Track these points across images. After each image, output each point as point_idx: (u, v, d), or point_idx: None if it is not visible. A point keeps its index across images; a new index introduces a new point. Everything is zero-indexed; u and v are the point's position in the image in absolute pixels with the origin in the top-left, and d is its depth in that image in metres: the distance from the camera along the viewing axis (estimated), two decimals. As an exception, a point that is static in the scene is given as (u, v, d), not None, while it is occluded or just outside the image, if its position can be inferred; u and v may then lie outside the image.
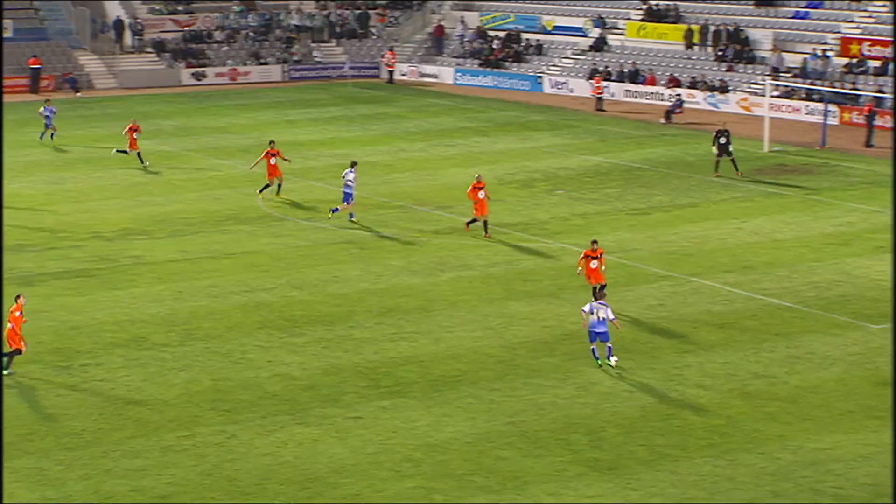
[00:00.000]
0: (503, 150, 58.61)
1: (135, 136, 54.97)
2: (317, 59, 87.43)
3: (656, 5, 79.62)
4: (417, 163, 56.12)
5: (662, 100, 71.92)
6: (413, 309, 34.81)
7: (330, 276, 38.20)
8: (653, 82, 74.24)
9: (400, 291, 36.26)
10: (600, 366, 30.28)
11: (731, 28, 74.15)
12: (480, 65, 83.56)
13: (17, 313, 29.97)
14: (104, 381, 29.62)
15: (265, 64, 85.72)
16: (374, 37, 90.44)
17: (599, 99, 71.94)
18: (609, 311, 30.14)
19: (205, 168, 55.22)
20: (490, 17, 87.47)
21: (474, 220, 42.51)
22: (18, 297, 30.49)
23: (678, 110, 67.52)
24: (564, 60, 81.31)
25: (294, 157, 57.16)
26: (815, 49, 69.57)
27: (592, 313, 30.12)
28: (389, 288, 36.78)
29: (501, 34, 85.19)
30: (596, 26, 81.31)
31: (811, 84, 66.75)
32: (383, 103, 74.90)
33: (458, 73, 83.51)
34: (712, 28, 75.32)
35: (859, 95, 64.44)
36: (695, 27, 75.84)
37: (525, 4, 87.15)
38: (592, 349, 30.47)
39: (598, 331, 30.15)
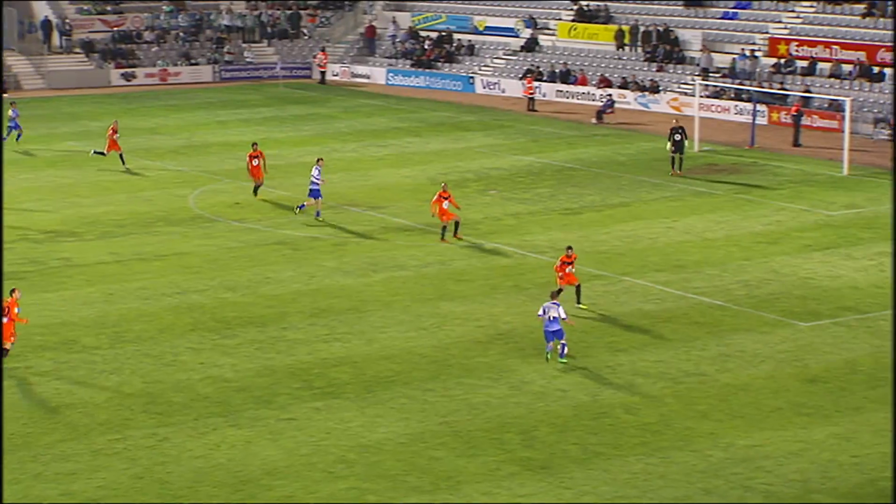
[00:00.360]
0: (435, 151, 58.67)
1: (115, 137, 54.25)
2: (248, 60, 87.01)
3: (587, 6, 80.00)
4: (349, 163, 56.03)
5: (593, 100, 72.29)
6: (346, 310, 34.75)
7: (262, 278, 38.04)
8: (584, 82, 74.60)
9: (333, 292, 36.18)
10: (548, 360, 30.62)
11: (660, 28, 74.68)
12: (412, 65, 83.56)
13: (16, 309, 29.97)
14: (33, 384, 29.29)
15: (196, 64, 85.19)
16: (306, 37, 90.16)
17: (531, 99, 72.18)
18: (561, 310, 30.54)
19: (134, 169, 54.79)
20: (422, 17, 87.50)
21: (444, 229, 42.03)
22: (13, 291, 30.40)
23: (609, 110, 67.89)
24: (496, 61, 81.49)
25: (225, 158, 56.92)
26: (743, 49, 70.22)
27: (545, 314, 30.58)
28: (322, 289, 36.69)
29: (433, 35, 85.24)
30: (527, 27, 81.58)
31: (740, 84, 67.38)
32: (315, 104, 74.70)
33: (391, 74, 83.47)
34: (642, 28, 75.80)
35: (787, 95, 65.12)
36: (625, 28, 76.29)
37: (456, 5, 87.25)
38: (548, 346, 30.60)
39: (551, 329, 30.54)
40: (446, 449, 25.85)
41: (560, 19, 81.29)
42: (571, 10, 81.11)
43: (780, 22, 71.98)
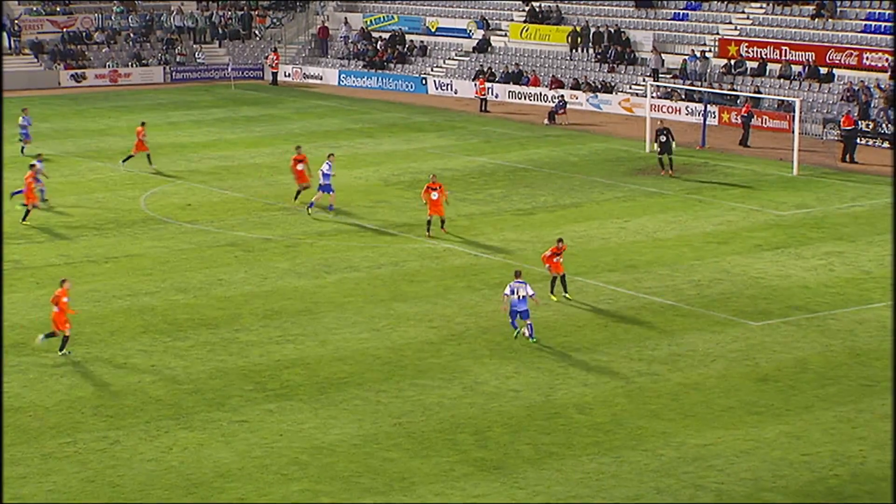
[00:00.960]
0: (388, 152, 58.65)
1: (143, 138, 53.59)
2: (199, 61, 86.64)
3: (538, 7, 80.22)
4: (302, 164, 55.82)
5: (546, 101, 72.47)
6: (299, 311, 34.69)
7: (214, 279, 37.91)
8: (536, 83, 74.77)
9: (285, 294, 36.10)
10: (516, 337, 31.91)
11: (612, 29, 74.97)
12: (365, 66, 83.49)
13: (65, 298, 30.82)
14: (-17, 388, 29.05)
15: (147, 65, 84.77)
16: (258, 38, 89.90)
17: (483, 100, 72.29)
18: (528, 287, 31.74)
19: (85, 171, 54.42)
20: (374, 18, 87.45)
21: (429, 222, 42.42)
22: (64, 281, 31.34)
23: (561, 111, 68.07)
24: (448, 62, 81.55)
25: (177, 160, 56.66)
26: (694, 50, 70.60)
27: (514, 293, 31.67)
28: (275, 290, 36.60)
29: (385, 35, 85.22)
30: (479, 28, 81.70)
31: (691, 85, 67.74)
32: (267, 105, 74.50)
33: (343, 75, 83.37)
34: (594, 29, 76.06)
35: (737, 96, 65.54)
36: (577, 28, 76.50)
37: (408, 5, 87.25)
38: (513, 323, 31.97)
39: (519, 309, 31.66)
40: (400, 450, 25.85)
41: (512, 20, 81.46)
42: (523, 11, 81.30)
43: (730, 23, 72.44)
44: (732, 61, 68.92)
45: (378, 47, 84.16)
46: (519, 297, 31.62)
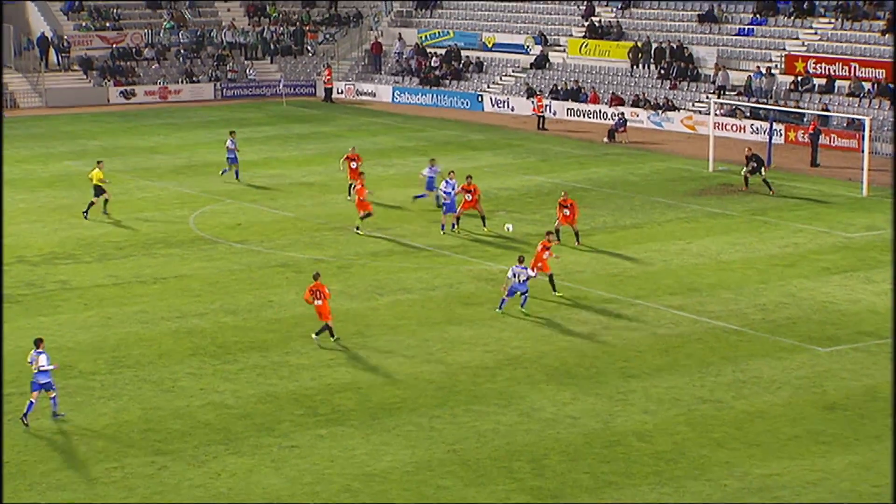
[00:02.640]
0: (443, 171, 58.72)
1: (353, 165, 52.30)
2: (250, 77, 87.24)
3: (598, 22, 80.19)
4: (355, 183, 56.00)
5: (605, 118, 72.39)
6: (351, 334, 34.77)
7: (264, 301, 38.07)
8: (595, 100, 74.71)
9: (337, 316, 36.18)
10: (501, 314, 35.88)
11: (674, 45, 74.80)
12: (419, 83, 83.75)
13: (327, 290, 34.19)
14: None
15: (197, 82, 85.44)
16: (310, 54, 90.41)
17: (541, 117, 72.29)
18: (530, 270, 36.01)
19: (133, 189, 54.89)
20: (429, 33, 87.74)
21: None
22: (317, 275, 34.38)
23: (621, 129, 67.96)
24: (505, 78, 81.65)
25: (227, 178, 56.95)
26: (759, 67, 70.30)
27: (515, 276, 35.85)
28: (326, 313, 36.68)
29: (441, 51, 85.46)
30: (537, 43, 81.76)
31: (756, 102, 67.42)
32: (319, 122, 74.85)
33: (397, 92, 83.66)
34: (655, 45, 75.93)
35: (804, 114, 65.16)
36: (638, 44, 76.39)
37: (465, 21, 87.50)
38: (503, 299, 36.14)
39: (520, 290, 35.93)
40: (454, 478, 25.82)
41: (571, 35, 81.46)
42: (582, 26, 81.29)
43: (797, 38, 72.07)
44: (799, 78, 68.53)
45: (433, 63, 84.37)
46: (520, 280, 35.77)
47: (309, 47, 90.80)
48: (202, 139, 68.77)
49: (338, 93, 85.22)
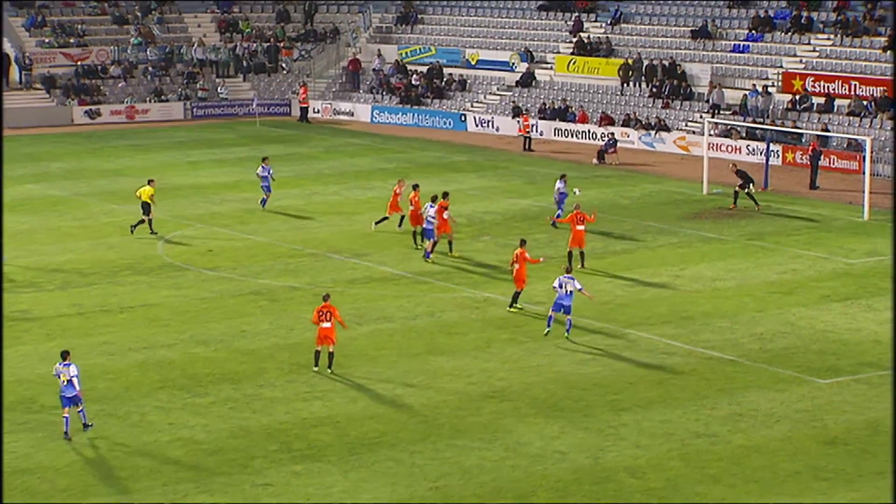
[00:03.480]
0: (425, 194, 58.77)
1: (445, 215, 49.53)
2: (222, 96, 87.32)
3: (587, 38, 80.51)
4: (332, 207, 56.15)
5: (594, 139, 72.61)
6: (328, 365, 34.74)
7: (237, 331, 38.04)
8: (584, 120, 74.95)
9: (313, 346, 36.16)
10: (546, 335, 36.17)
11: (666, 62, 75.13)
12: (400, 101, 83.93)
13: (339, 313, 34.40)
14: (-12, 447, 29.22)
15: (166, 101, 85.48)
16: (285, 71, 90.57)
17: (527, 138, 72.48)
18: (577, 282, 36.25)
19: (99, 214, 54.83)
20: (409, 49, 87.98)
21: (570, 254, 44.58)
22: (327, 296, 34.52)
23: (611, 150, 68.18)
24: (490, 97, 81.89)
25: (197, 202, 57.02)
26: (755, 85, 70.64)
27: (561, 287, 36.17)
28: (302, 343, 36.68)
29: (422, 68, 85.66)
30: (523, 60, 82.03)
31: (752, 122, 67.69)
32: (295, 143, 74.93)
33: (376, 111, 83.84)
34: (647, 62, 76.23)
35: (803, 134, 65.44)
36: (628, 61, 76.68)
37: (447, 37, 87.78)
38: (550, 316, 36.43)
39: (564, 303, 36.14)
40: (436, 516, 25.80)
41: (558, 52, 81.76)
42: (570, 42, 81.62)
43: (794, 55, 72.46)
44: (797, 97, 68.90)
45: (414, 81, 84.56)
46: (566, 291, 36.00)
47: (283, 64, 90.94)
48: (171, 161, 68.76)
49: (314, 112, 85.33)
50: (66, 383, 29.56)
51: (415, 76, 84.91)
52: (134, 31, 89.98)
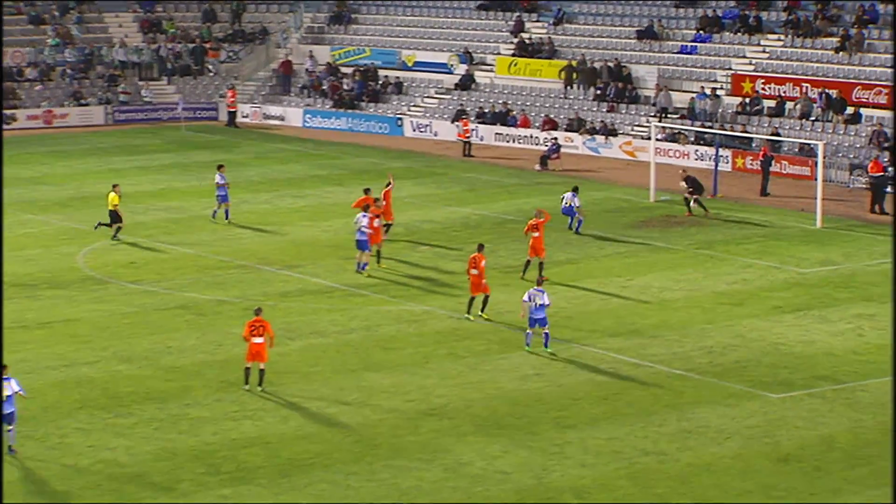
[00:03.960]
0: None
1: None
2: (146, 100, 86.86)
3: (528, 38, 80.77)
4: (262, 216, 55.98)
5: (537, 144, 72.83)
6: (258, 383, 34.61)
7: (162, 347, 37.84)
8: (526, 124, 75.16)
9: (243, 363, 36.02)
10: (529, 352, 36.43)
11: (612, 64, 75.47)
12: (333, 105, 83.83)
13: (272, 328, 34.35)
14: None
15: (85, 105, 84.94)
16: (212, 74, 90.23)
17: (467, 143, 72.58)
18: (545, 296, 36.57)
19: (14, 225, 54.37)
20: (343, 51, 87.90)
21: (527, 263, 45.38)
22: (259, 310, 34.34)
23: (554, 156, 68.38)
24: (427, 100, 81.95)
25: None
26: (703, 87, 71.10)
27: (531, 300, 36.63)
28: (231, 359, 36.54)
29: (351, 70, 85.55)
30: (462, 62, 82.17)
31: (700, 126, 68.14)
32: (223, 149, 74.63)
33: (308, 115, 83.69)
34: (591, 64, 76.54)
35: (753, 139, 65.91)
36: (572, 63, 76.97)
37: (382, 38, 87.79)
38: (528, 333, 36.77)
39: (536, 317, 36.50)
40: (372, 541, 25.77)
41: (499, 53, 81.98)
42: (511, 42, 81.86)
43: (744, 57, 73.01)
44: (747, 100, 69.39)
45: (345, 85, 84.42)
46: (536, 304, 36.40)
47: (210, 66, 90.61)
48: (92, 168, 68.32)
49: (242, 116, 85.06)
50: (6, 399, 29.34)
51: (346, 80, 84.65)
52: (51, 32, 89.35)
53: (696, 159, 66.99)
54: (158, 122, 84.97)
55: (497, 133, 75.67)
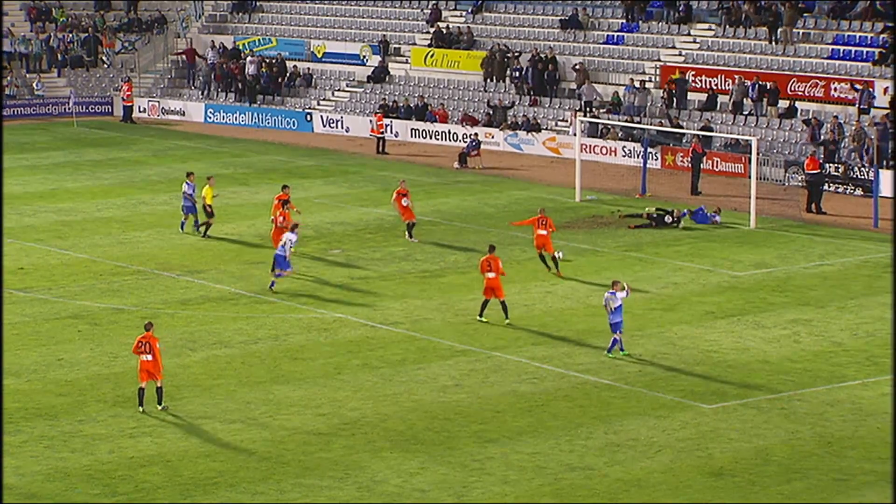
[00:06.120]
0: (266, 202, 58.52)
1: (404, 202, 50.98)
2: (35, 93, 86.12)
3: (446, 28, 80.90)
4: (161, 218, 55.67)
5: (456, 140, 72.93)
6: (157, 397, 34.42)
7: (53, 359, 37.54)
8: (444, 119, 75.27)
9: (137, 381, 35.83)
10: (626, 355, 37.42)
11: (534, 55, 75.71)
12: (236, 99, 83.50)
13: (158, 344, 33.68)
14: None
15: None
16: (106, 66, 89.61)
17: (381, 139, 72.58)
18: (618, 296, 37.24)
19: None
20: (248, 41, 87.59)
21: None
22: (150, 325, 33.84)
23: (474, 153, 68.54)
24: (338, 94, 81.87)
25: (6, 214, 56.09)
26: (632, 80, 71.52)
27: (607, 305, 37.48)
28: (127, 371, 36.30)
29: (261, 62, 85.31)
30: (375, 53, 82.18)
31: (627, 121, 68.53)
32: (118, 146, 74.17)
33: (210, 110, 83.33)
34: (511, 55, 76.74)
35: (683, 134, 66.35)
36: (494, 54, 77.11)
37: (289, 27, 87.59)
38: (614, 339, 37.45)
39: (614, 321, 37.32)
40: (281, 565, 25.71)
41: (415, 44, 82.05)
42: (428, 32, 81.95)
43: (673, 47, 73.54)
44: (676, 92, 69.83)
45: (251, 75, 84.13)
46: (611, 309, 37.24)
47: (104, 58, 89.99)
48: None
49: (139, 111, 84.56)
50: None
51: (252, 69, 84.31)
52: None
53: (624, 156, 67.38)
54: (48, 118, 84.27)
55: (413, 129, 75.74)
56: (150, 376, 33.42)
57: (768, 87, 66.89)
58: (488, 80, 77.03)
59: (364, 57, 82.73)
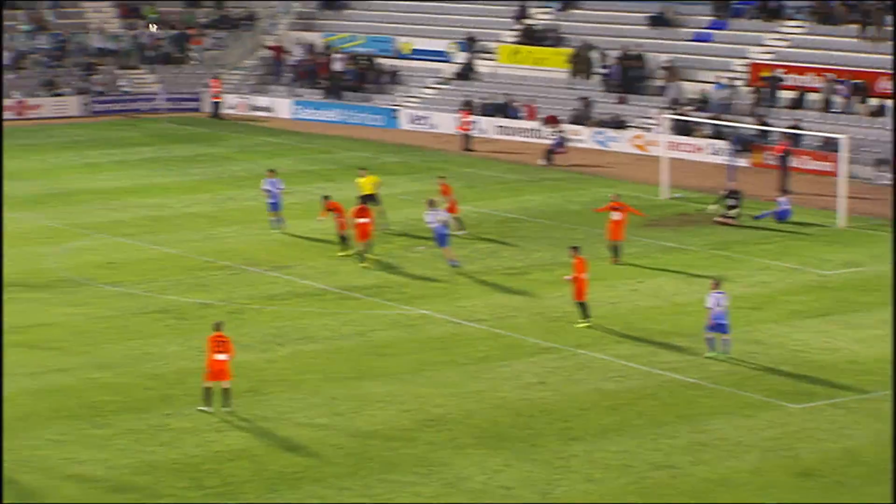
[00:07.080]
0: (352, 199, 58.73)
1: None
2: (124, 90, 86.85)
3: (534, 25, 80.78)
4: (248, 214, 56.00)
5: (542, 137, 72.83)
6: (244, 391, 34.63)
7: (141, 353, 37.86)
8: (531, 116, 75.17)
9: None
10: (709, 357, 36.74)
11: (621, 52, 75.46)
12: (324, 96, 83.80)
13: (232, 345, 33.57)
14: None
15: (60, 95, 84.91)
16: (195, 62, 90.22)
17: (467, 136, 72.59)
18: (724, 298, 36.92)
19: None
20: (335, 38, 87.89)
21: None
22: (219, 324, 33.90)
23: (560, 150, 68.41)
24: (425, 91, 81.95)
25: (96, 209, 56.69)
26: (719, 77, 71.12)
27: (718, 305, 36.93)
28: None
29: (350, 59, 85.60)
30: (462, 50, 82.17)
31: (715, 119, 68.13)
32: (206, 142, 74.66)
33: (297, 106, 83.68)
34: (599, 52, 76.52)
35: (772, 132, 65.87)
36: (580, 52, 76.96)
37: (377, 24, 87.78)
38: (710, 339, 37.12)
39: (721, 322, 36.82)
40: (366, 560, 25.80)
41: (501, 41, 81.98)
42: (515, 29, 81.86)
43: (762, 45, 73.06)
44: (765, 90, 69.37)
45: (339, 72, 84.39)
46: (721, 309, 36.73)
47: (193, 54, 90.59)
48: (67, 162, 68.33)
49: (228, 108, 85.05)
50: None
51: (340, 65, 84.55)
52: (24, 17, 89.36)
53: (711, 154, 67.01)
54: (138, 114, 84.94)
55: (499, 125, 75.68)
56: (221, 376, 33.21)
57: (858, 84, 66.26)
58: (575, 78, 76.80)
59: (451, 54, 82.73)
